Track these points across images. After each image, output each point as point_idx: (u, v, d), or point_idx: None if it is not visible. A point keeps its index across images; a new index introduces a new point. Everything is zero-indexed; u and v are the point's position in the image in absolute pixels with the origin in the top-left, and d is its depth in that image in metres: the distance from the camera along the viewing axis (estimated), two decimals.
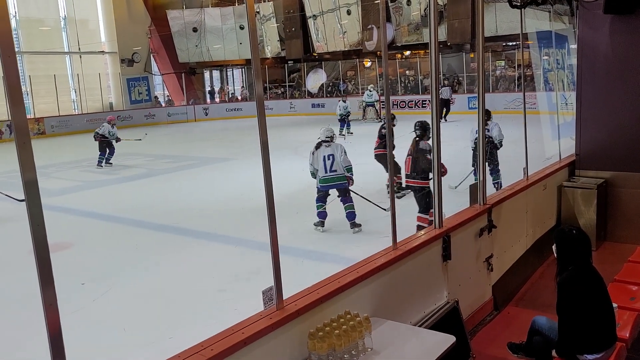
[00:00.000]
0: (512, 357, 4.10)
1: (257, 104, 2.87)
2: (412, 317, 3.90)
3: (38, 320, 1.99)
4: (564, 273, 3.43)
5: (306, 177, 10.71)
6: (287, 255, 3.24)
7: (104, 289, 5.98)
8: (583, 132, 7.05)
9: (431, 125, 4.40)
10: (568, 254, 3.47)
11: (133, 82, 30.15)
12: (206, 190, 11.29)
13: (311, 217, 8.29)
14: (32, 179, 1.89)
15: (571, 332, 3.35)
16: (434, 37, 4.26)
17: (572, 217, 6.81)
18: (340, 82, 29.99)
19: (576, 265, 3.41)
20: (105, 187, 12.30)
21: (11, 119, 1.86)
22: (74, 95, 28.51)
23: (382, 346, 2.98)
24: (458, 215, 4.67)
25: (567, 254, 3.47)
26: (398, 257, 3.70)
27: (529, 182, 6.07)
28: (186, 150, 18.23)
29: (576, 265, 3.42)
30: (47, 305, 1.92)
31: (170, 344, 4.12)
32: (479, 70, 5.05)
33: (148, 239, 8.08)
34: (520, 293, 5.55)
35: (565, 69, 8.11)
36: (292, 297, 2.99)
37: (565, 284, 3.39)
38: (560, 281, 3.41)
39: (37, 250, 1.90)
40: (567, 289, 3.37)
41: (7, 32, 1.79)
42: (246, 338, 2.57)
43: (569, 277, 3.39)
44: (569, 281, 3.38)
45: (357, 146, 16.57)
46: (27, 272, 2.68)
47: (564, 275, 3.42)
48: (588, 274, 3.42)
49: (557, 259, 3.54)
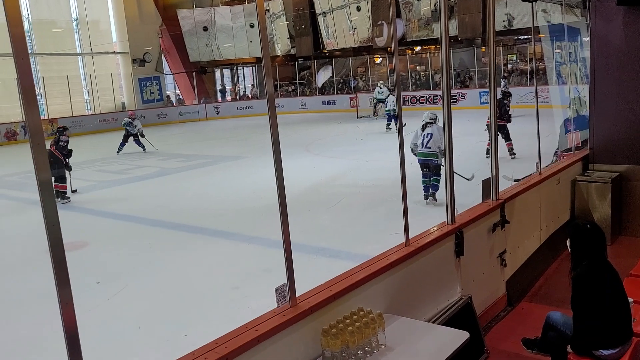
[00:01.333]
0: (527, 352, 4.08)
1: (268, 102, 2.88)
2: (425, 313, 3.89)
3: (55, 318, 2.01)
4: (579, 268, 3.40)
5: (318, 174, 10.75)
6: (299, 253, 3.24)
7: (118, 288, 6.03)
8: (597, 125, 6.97)
9: (443, 121, 4.38)
10: (582, 248, 3.45)
11: (145, 82, 30.33)
12: (218, 189, 11.34)
13: (323, 214, 8.31)
14: (47, 179, 1.91)
15: (586, 327, 3.33)
16: (444, 32, 4.24)
17: (586, 211, 6.75)
18: (350, 78, 29.93)
19: (591, 260, 3.39)
20: (119, 187, 12.40)
21: (25, 120, 1.88)
22: (86, 96, 28.75)
23: (396, 343, 2.98)
24: (471, 210, 4.65)
25: (581, 248, 3.45)
26: (411, 253, 3.70)
27: (542, 177, 6.02)
28: (198, 149, 18.31)
29: (591, 260, 3.39)
30: (64, 303, 1.94)
31: (184, 342, 4.16)
32: (491, 64, 5.01)
33: (161, 238, 8.14)
34: (535, 288, 5.51)
35: (578, 62, 8.03)
36: (305, 295, 2.99)
37: (580, 279, 3.36)
38: (575, 276, 3.39)
39: (53, 250, 1.92)
40: (581, 284, 3.35)
41: (21, 35, 1.80)
42: (260, 335, 2.58)
43: (583, 272, 3.37)
44: (584, 276, 3.36)
45: (369, 142, 16.58)
46: (44, 271, 2.71)
47: (578, 270, 3.39)
48: (603, 269, 3.39)
49: (571, 254, 3.52)
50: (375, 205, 9.01)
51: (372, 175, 11.41)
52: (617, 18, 6.58)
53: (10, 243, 8.19)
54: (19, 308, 5.72)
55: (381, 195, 9.30)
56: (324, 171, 12.46)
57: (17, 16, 1.80)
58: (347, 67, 30.20)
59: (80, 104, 27.95)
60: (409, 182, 3.83)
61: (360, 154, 14.26)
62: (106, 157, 16.94)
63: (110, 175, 13.94)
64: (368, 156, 13.79)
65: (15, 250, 7.80)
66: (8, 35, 1.78)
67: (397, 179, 3.84)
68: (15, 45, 1.79)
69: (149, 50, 30.36)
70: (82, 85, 28.61)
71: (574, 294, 3.37)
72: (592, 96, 6.95)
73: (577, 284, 3.36)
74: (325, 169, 12.84)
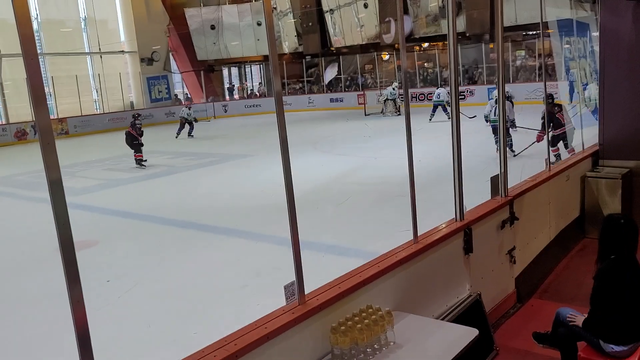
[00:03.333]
0: (537, 348, 4.05)
1: (275, 100, 2.88)
2: (434, 310, 3.88)
3: (66, 316, 2.03)
4: (606, 262, 3.36)
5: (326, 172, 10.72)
6: (308, 251, 3.24)
7: (128, 286, 6.07)
8: (606, 121, 6.92)
9: (450, 116, 4.37)
10: (612, 242, 3.38)
11: (153, 80, 30.44)
12: (226, 187, 11.38)
13: (332, 212, 8.30)
14: (57, 178, 1.92)
15: (605, 319, 3.29)
16: (452, 29, 4.22)
17: (596, 207, 6.70)
18: (358, 76, 29.88)
19: (618, 255, 3.34)
20: (128, 185, 12.47)
21: (35, 119, 1.89)
22: (95, 95, 28.91)
23: (405, 340, 2.97)
24: (479, 207, 4.63)
25: (611, 242, 3.38)
26: (419, 250, 3.69)
27: (551, 173, 5.99)
28: (206, 147, 18.37)
29: (618, 255, 3.34)
30: (75, 302, 1.96)
31: (194, 340, 4.17)
32: (499, 60, 4.98)
33: (171, 236, 8.17)
34: (544, 285, 5.49)
35: (587, 57, 7.97)
36: (314, 292, 2.99)
37: (604, 273, 3.32)
38: (600, 270, 3.34)
39: (63, 249, 1.93)
40: (606, 279, 3.30)
41: (30, 36, 1.81)
42: (269, 333, 2.59)
43: (609, 267, 3.31)
44: (609, 271, 3.30)
45: (377, 140, 16.55)
46: (54, 269, 2.73)
47: (604, 264, 3.34)
48: (630, 266, 3.33)
49: (599, 246, 3.46)
50: (383, 202, 9.00)
51: (380, 172, 11.39)
52: (627, 12, 6.52)
53: (21, 242, 8.26)
54: (30, 306, 5.77)
55: (389, 193, 9.28)
56: (332, 169, 12.46)
57: (26, 17, 1.81)
58: (355, 65, 30.14)
59: (89, 103, 28.12)
60: (417, 179, 3.82)
61: (369, 152, 14.24)
62: (116, 156, 17.02)
63: (120, 174, 14.02)
64: (376, 153, 13.77)
65: (25, 249, 7.86)
66: (17, 36, 1.79)
67: (405, 176, 3.84)
68: (24, 45, 1.80)
69: (156, 49, 30.47)
70: (91, 85, 28.78)
71: (596, 289, 3.33)
72: (601, 91, 6.89)
73: (601, 278, 3.32)
74: (333, 166, 12.83)
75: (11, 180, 14.11)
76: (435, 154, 11.60)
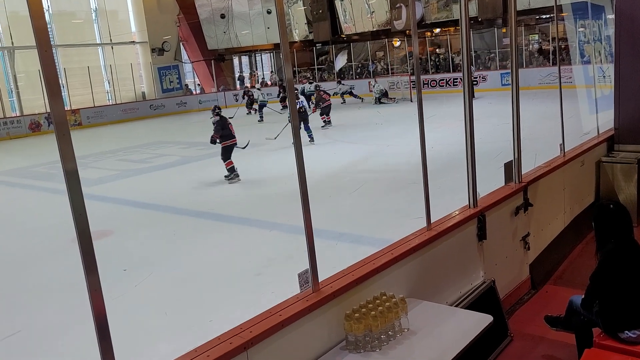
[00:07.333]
0: (551, 334, 4.04)
1: (287, 89, 2.88)
2: (448, 297, 3.89)
3: (84, 305, 2.06)
4: (607, 246, 3.35)
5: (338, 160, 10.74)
6: (321, 238, 3.26)
7: (144, 275, 6.14)
8: (622, 105, 6.83)
9: (463, 103, 4.33)
10: (607, 229, 3.39)
11: (164, 71, 30.52)
12: (239, 176, 11.40)
13: (345, 200, 8.29)
14: (73, 169, 1.94)
15: (613, 307, 3.28)
16: (464, 13, 4.18)
17: (612, 192, 6.64)
18: (369, 62, 29.69)
19: (617, 240, 3.34)
20: (142, 175, 12.55)
21: (50, 111, 1.91)
22: (107, 86, 29.06)
23: (419, 327, 2.98)
24: (493, 194, 4.61)
25: (606, 229, 3.40)
26: (432, 237, 3.69)
27: (566, 159, 5.93)
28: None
29: (617, 239, 3.34)
30: (92, 290, 1.99)
31: (210, 327, 4.22)
32: (512, 45, 4.93)
33: (185, 225, 8.23)
34: (559, 271, 5.46)
35: (602, 40, 7.85)
36: (328, 280, 3.01)
37: (610, 255, 3.31)
38: (603, 255, 3.34)
39: (81, 239, 1.96)
40: (610, 261, 3.30)
41: (43, 28, 1.83)
42: (284, 320, 2.61)
43: (611, 251, 3.31)
44: (611, 255, 3.30)
45: (389, 127, 16.48)
46: (72, 259, 2.77)
47: (608, 247, 3.34)
48: (631, 249, 3.33)
49: (596, 235, 3.46)
50: (396, 190, 8.98)
51: (393, 160, 11.37)
52: None
53: (39, 233, 8.37)
54: (49, 296, 5.86)
55: (402, 180, 9.27)
56: (345, 157, 12.44)
57: (39, 9, 1.82)
58: (366, 52, 29.93)
59: (101, 94, 28.27)
60: (429, 166, 3.81)
61: (381, 139, 14.19)
62: (129, 147, 17.13)
63: (133, 165, 14.11)
64: (388, 141, 13.72)
65: (43, 239, 7.97)
66: (30, 28, 1.81)
67: (417, 163, 3.82)
68: (38, 37, 1.81)
69: (167, 39, 30.51)
70: (103, 76, 28.92)
71: (600, 269, 3.32)
72: (617, 75, 6.79)
73: (606, 260, 3.31)
74: (345, 154, 12.81)
75: (27, 172, 14.26)
76: (448, 140, 11.55)
